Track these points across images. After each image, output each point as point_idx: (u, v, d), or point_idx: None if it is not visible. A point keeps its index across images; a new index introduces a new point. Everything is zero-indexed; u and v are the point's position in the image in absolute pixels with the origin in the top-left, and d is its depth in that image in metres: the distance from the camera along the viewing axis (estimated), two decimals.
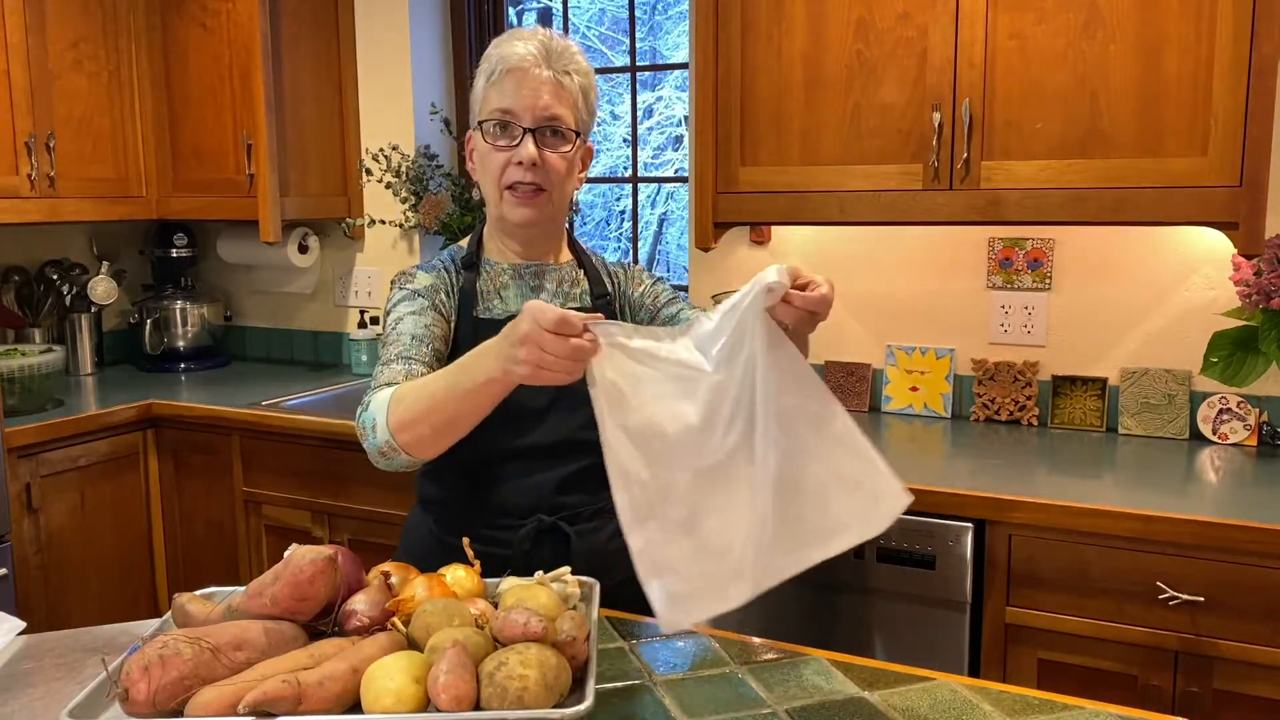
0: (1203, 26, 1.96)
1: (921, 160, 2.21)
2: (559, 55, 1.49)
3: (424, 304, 1.52)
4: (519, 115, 1.48)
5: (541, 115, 1.48)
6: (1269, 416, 2.30)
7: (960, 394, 2.63)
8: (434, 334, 1.50)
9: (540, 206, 1.52)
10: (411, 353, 1.45)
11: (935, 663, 1.83)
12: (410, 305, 1.52)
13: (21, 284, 3.23)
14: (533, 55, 1.47)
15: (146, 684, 0.99)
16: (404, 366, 1.43)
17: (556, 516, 1.51)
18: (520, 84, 1.47)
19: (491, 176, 1.51)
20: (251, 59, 2.94)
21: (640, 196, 3.40)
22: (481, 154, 1.52)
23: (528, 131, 1.47)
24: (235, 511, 2.83)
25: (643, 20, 5.61)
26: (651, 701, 1.19)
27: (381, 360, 1.47)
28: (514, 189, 1.50)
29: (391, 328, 1.51)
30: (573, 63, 1.51)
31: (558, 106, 1.49)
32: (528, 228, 1.55)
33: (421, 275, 1.56)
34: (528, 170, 1.48)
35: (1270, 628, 1.77)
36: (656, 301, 1.66)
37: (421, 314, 1.50)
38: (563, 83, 1.49)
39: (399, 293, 1.55)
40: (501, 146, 1.49)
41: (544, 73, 1.47)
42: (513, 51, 1.48)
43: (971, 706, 1.17)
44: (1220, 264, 2.30)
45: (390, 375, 1.42)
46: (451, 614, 1.15)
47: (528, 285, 1.58)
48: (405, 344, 1.46)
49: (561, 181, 1.53)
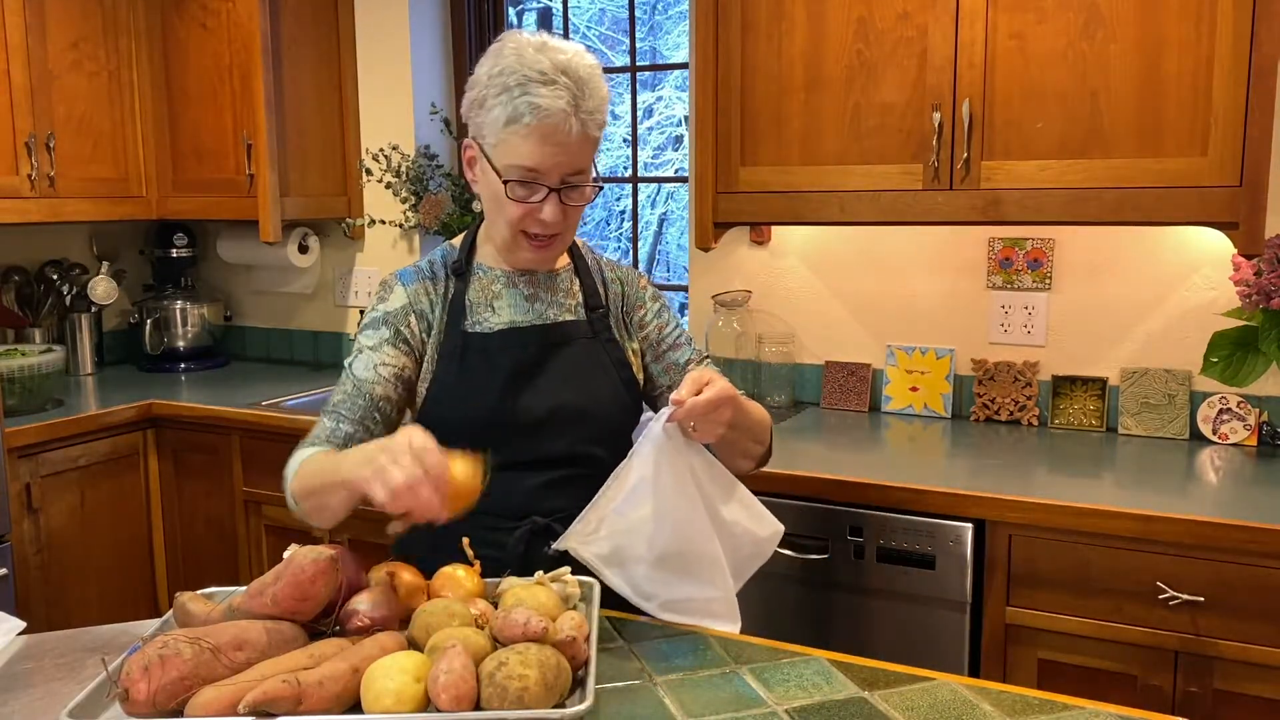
0: (1203, 26, 1.96)
1: (922, 160, 2.21)
2: (586, 100, 1.40)
3: (384, 336, 1.50)
4: (545, 175, 1.42)
5: (568, 174, 1.44)
6: (1269, 416, 2.30)
7: (960, 394, 2.63)
8: (380, 376, 1.48)
9: (554, 249, 1.51)
10: (344, 409, 1.46)
11: (935, 663, 1.83)
12: (371, 337, 1.51)
13: (21, 284, 3.23)
14: (562, 111, 1.38)
15: (147, 684, 0.99)
16: (331, 424, 1.46)
17: (550, 519, 1.50)
18: (547, 141, 1.39)
19: (505, 217, 1.47)
20: (251, 59, 2.94)
21: (640, 196, 3.40)
22: (495, 192, 1.46)
23: (553, 191, 1.43)
24: (235, 511, 2.83)
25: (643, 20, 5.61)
26: (651, 701, 1.18)
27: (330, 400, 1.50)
28: (530, 236, 1.48)
29: (350, 357, 1.51)
30: (599, 108, 1.43)
31: (582, 160, 1.44)
32: (535, 268, 1.55)
33: (398, 291, 1.53)
34: (547, 225, 1.46)
35: (1270, 628, 1.77)
36: (663, 340, 1.63)
37: (377, 349, 1.49)
38: (588, 134, 1.43)
39: (370, 313, 1.53)
40: (521, 197, 1.44)
41: (574, 126, 1.39)
42: (544, 104, 1.37)
43: (971, 706, 1.17)
44: (1220, 264, 2.31)
45: (319, 430, 1.46)
46: (451, 614, 1.15)
47: (521, 294, 1.56)
48: (346, 393, 1.48)
49: (574, 225, 1.51)
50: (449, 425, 1.49)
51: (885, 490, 2.02)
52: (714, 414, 1.37)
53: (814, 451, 2.33)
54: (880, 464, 2.25)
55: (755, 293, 2.81)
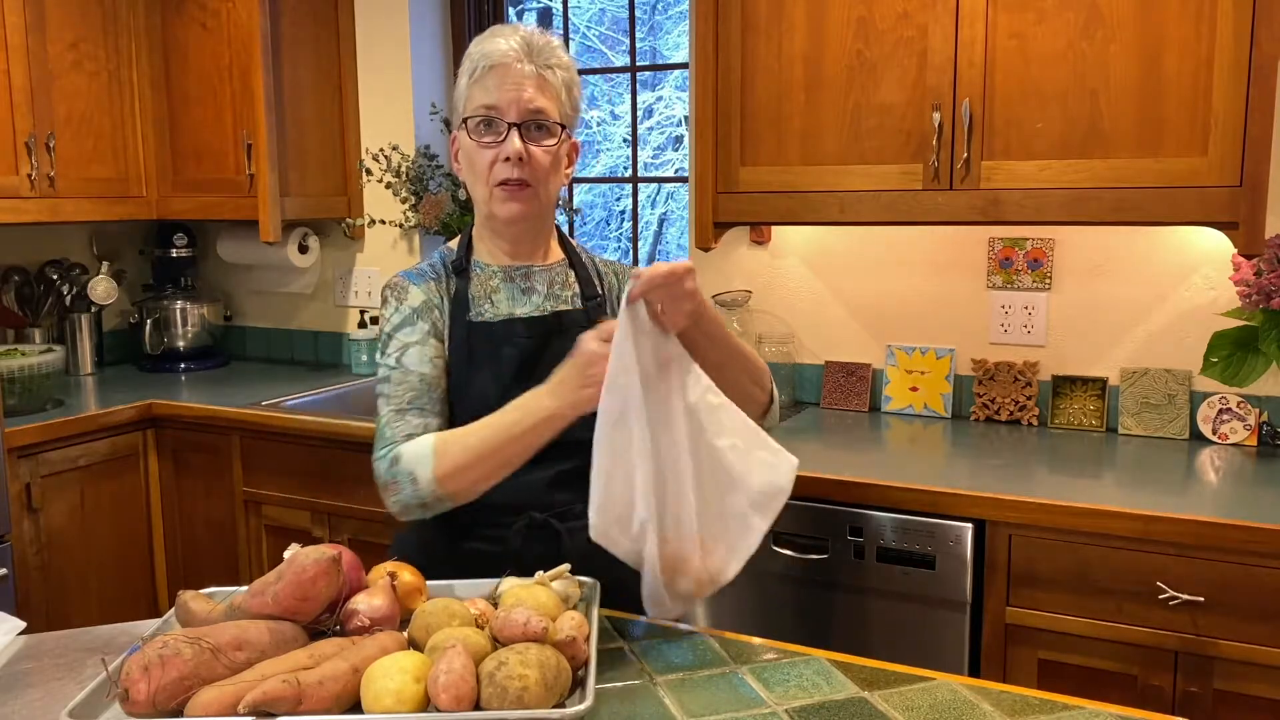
0: (1203, 26, 1.96)
1: (921, 160, 2.21)
2: (540, 50, 1.50)
3: (424, 330, 1.52)
4: (503, 110, 1.48)
5: (526, 109, 1.48)
6: (1269, 416, 2.30)
7: (960, 394, 2.63)
8: (438, 369, 1.51)
9: (528, 201, 1.52)
10: (424, 403, 1.47)
11: (935, 663, 1.83)
12: (412, 333, 1.51)
13: (21, 284, 3.23)
14: (514, 51, 1.48)
15: (147, 684, 0.99)
16: (421, 420, 1.45)
17: (548, 514, 1.51)
18: (503, 79, 1.48)
19: (479, 174, 1.52)
20: (251, 59, 2.94)
21: (640, 196, 3.40)
22: (468, 152, 1.53)
23: (513, 126, 1.48)
24: (235, 511, 2.83)
25: (643, 20, 5.61)
26: (651, 701, 1.18)
27: (391, 402, 1.47)
28: (502, 185, 1.50)
29: (396, 357, 1.50)
30: (554, 57, 1.52)
31: (541, 100, 1.50)
32: (516, 223, 1.55)
33: (414, 291, 1.55)
34: (514, 166, 1.48)
35: (1270, 628, 1.77)
36: None
37: (424, 344, 1.51)
38: (545, 77, 1.50)
39: (396, 313, 1.54)
40: (487, 143, 1.49)
41: (526, 67, 1.48)
42: (494, 48, 1.48)
43: (971, 706, 1.17)
44: (1220, 264, 2.31)
45: (408, 428, 1.44)
46: (452, 614, 1.15)
47: (518, 288, 1.58)
48: (415, 388, 1.47)
49: (548, 176, 1.53)
50: (456, 414, 1.51)
51: (885, 490, 2.02)
52: (676, 286, 1.34)
53: (814, 451, 2.33)
54: (880, 464, 2.25)
55: (755, 293, 2.81)
